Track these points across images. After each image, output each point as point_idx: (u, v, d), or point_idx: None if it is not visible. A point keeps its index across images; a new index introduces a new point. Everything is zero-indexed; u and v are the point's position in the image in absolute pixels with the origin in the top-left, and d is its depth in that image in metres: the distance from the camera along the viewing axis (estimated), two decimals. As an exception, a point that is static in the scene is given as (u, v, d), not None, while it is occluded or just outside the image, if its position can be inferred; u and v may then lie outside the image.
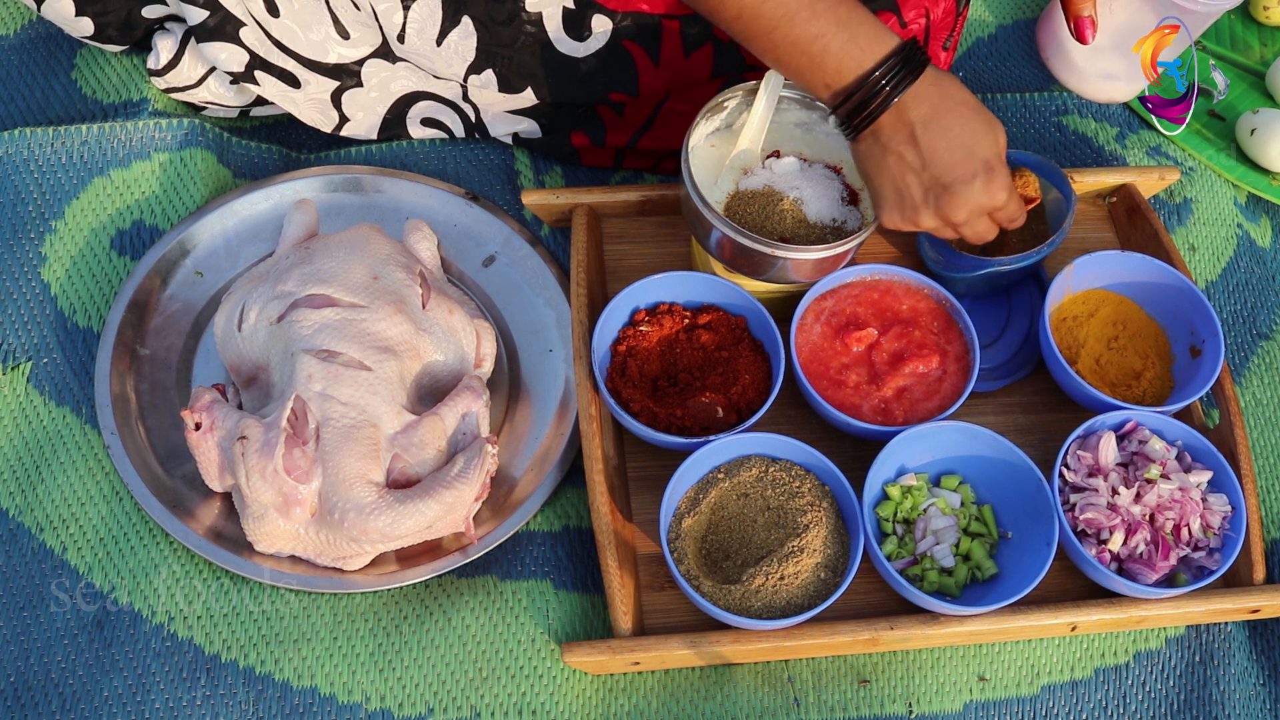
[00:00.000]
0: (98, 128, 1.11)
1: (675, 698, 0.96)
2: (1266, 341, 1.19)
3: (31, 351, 1.03)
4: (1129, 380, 1.07)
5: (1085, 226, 1.20)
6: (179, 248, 1.08)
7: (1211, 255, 1.23)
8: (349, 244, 1.03)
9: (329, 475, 0.93)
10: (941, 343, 1.05)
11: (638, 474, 1.03)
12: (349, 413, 0.95)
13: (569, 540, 1.01)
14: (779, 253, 0.97)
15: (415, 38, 1.06)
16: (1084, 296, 1.10)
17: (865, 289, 1.06)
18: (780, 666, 0.98)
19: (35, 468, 0.99)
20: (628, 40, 1.07)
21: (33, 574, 0.95)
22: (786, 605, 0.92)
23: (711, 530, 0.97)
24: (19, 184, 1.09)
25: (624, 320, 1.04)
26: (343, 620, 0.95)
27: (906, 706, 0.98)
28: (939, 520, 0.98)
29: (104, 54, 1.19)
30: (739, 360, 1.02)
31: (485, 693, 0.94)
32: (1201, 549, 1.00)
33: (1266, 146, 1.28)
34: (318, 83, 1.11)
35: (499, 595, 0.98)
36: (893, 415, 1.02)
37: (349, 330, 0.97)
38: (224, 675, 0.93)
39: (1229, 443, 1.05)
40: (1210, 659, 1.03)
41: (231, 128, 1.19)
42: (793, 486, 0.97)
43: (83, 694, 0.91)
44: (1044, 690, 1.00)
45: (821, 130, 1.07)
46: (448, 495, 0.94)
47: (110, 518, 0.97)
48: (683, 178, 0.99)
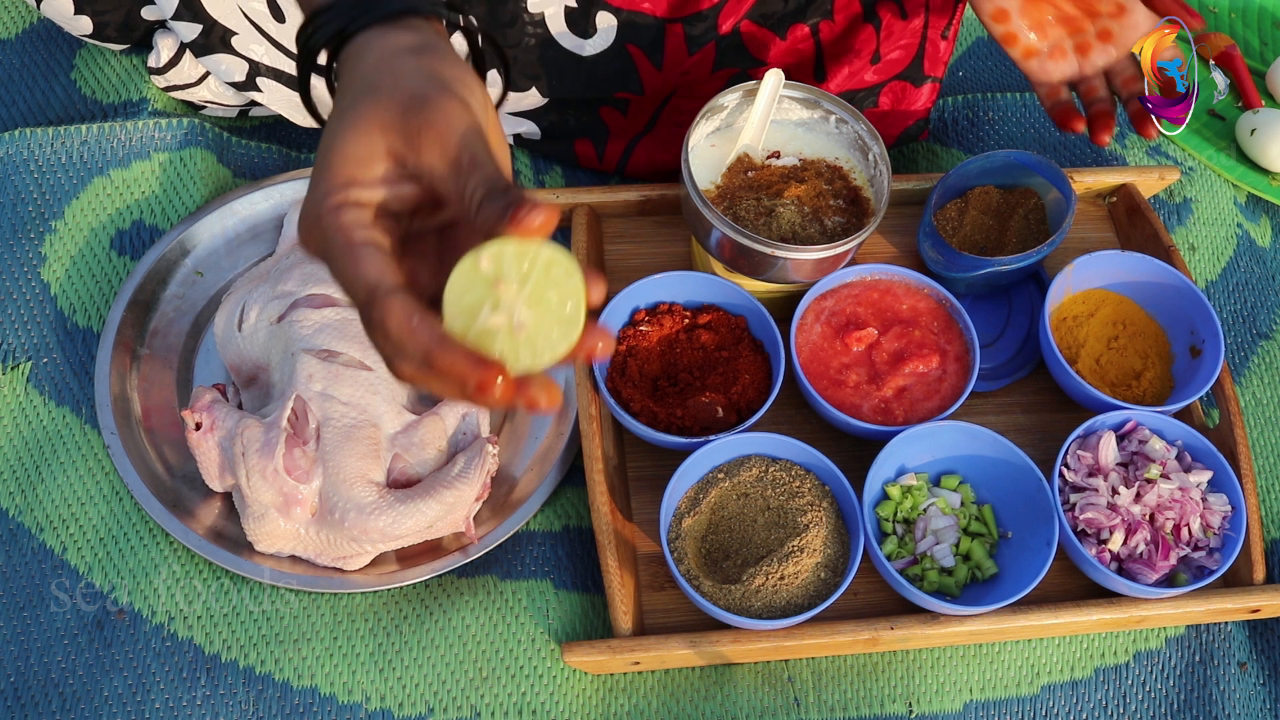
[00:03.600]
0: (97, 128, 1.11)
1: (675, 698, 0.96)
2: (1266, 341, 1.19)
3: (31, 351, 1.03)
4: (1129, 380, 1.07)
5: (1085, 226, 1.20)
6: (179, 248, 1.08)
7: (1211, 255, 1.23)
8: (349, 244, 1.03)
9: (329, 475, 0.93)
10: (941, 343, 1.05)
11: (638, 474, 1.03)
12: (349, 412, 0.95)
13: (569, 540, 1.01)
14: (779, 253, 0.97)
15: None
16: (1084, 296, 1.10)
17: (865, 289, 1.06)
18: (780, 666, 0.98)
19: (35, 468, 0.99)
20: (630, 44, 1.08)
21: (33, 574, 0.95)
22: (786, 605, 0.92)
23: (711, 530, 0.97)
24: (19, 184, 1.09)
25: (624, 320, 1.04)
26: (343, 620, 0.95)
27: (906, 706, 0.98)
28: (939, 520, 0.98)
29: (104, 54, 1.19)
30: (739, 360, 1.02)
31: (485, 693, 0.94)
32: (1201, 549, 1.00)
33: (1266, 146, 1.28)
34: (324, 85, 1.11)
35: (499, 595, 0.98)
36: (893, 415, 1.02)
37: (349, 330, 0.97)
38: (224, 675, 0.93)
39: (1229, 443, 1.05)
40: (1210, 659, 1.03)
41: (231, 127, 1.19)
42: (793, 486, 0.97)
43: (83, 694, 0.91)
44: (1044, 690, 1.00)
45: (822, 130, 1.07)
46: (448, 495, 0.94)
47: (110, 518, 0.97)
48: (683, 178, 0.99)
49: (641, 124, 1.15)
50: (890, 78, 1.16)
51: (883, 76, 1.16)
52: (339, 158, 0.61)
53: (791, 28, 1.11)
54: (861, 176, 1.06)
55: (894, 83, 1.16)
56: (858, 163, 1.06)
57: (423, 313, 0.57)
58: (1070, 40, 1.00)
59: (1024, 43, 0.99)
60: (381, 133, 0.60)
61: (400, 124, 0.60)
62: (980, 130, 1.28)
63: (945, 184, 1.11)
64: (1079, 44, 1.00)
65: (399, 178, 0.61)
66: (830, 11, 1.12)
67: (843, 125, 1.06)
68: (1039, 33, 0.99)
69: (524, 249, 0.55)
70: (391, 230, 0.62)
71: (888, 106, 1.18)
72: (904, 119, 1.19)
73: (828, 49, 1.14)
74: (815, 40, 1.13)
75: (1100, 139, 0.98)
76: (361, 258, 0.59)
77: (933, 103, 1.19)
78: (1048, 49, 0.99)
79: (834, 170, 1.06)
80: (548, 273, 0.55)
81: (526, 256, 0.55)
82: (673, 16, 1.08)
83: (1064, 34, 1.00)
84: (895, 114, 1.19)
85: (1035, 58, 1.00)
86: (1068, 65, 1.00)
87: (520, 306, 0.55)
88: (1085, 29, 1.00)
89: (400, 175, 0.61)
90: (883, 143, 1.03)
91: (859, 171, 1.06)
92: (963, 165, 1.10)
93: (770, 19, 1.11)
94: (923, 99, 1.18)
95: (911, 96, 1.18)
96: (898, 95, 1.17)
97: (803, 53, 1.13)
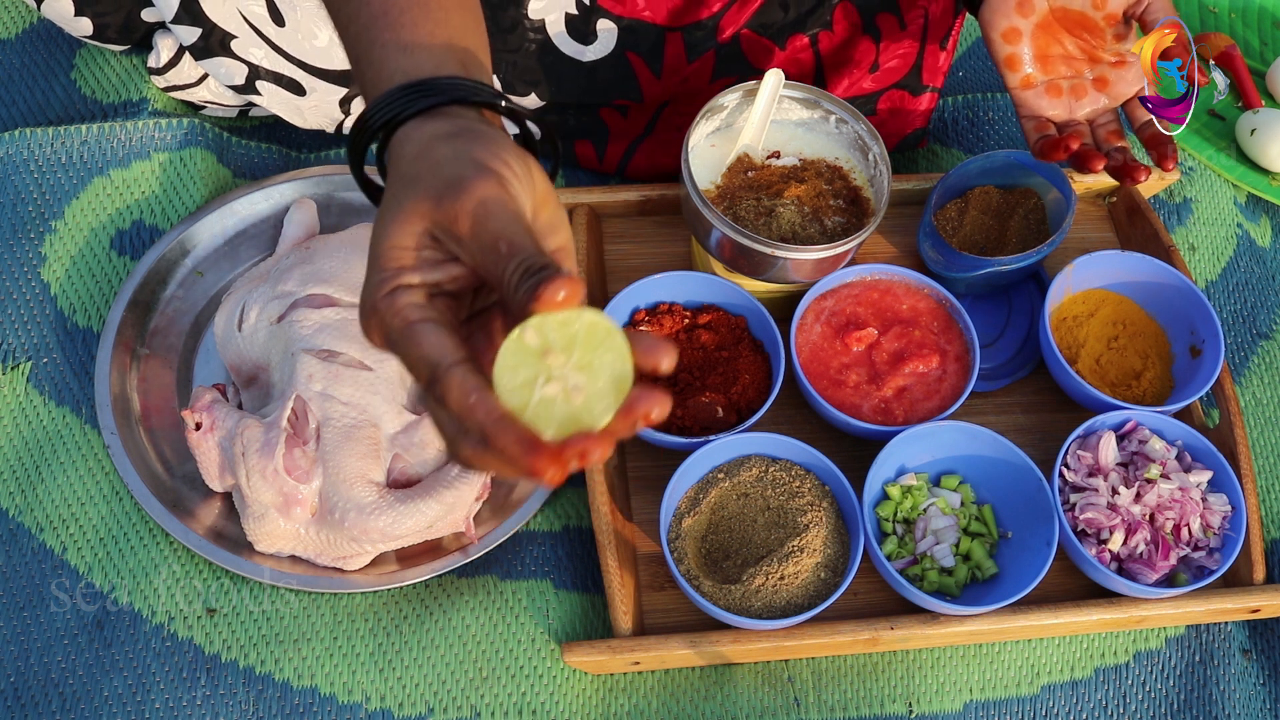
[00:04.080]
0: (97, 128, 1.11)
1: (675, 698, 0.96)
2: (1266, 341, 1.19)
3: (31, 351, 1.03)
4: (1129, 380, 1.07)
5: (1085, 226, 1.20)
6: (179, 248, 1.08)
7: (1211, 255, 1.23)
8: (349, 244, 1.03)
9: (329, 475, 0.93)
10: (941, 343, 1.05)
11: (638, 474, 1.03)
12: (349, 412, 0.95)
13: (569, 540, 1.01)
14: (779, 253, 0.97)
15: None
16: (1084, 296, 1.10)
17: (865, 289, 1.06)
18: (780, 666, 0.98)
19: (35, 468, 0.99)
20: (630, 51, 1.08)
21: (33, 574, 0.95)
22: (786, 605, 0.92)
23: (711, 530, 0.97)
24: (19, 184, 1.09)
25: (624, 320, 1.04)
26: (343, 620, 0.95)
27: (906, 706, 0.98)
28: (939, 520, 0.98)
29: (104, 54, 1.19)
30: (739, 360, 1.02)
31: (485, 693, 0.94)
32: (1201, 549, 1.00)
33: (1266, 146, 1.28)
34: (324, 89, 1.11)
35: (499, 595, 0.98)
36: (893, 415, 1.02)
37: (349, 330, 0.97)
38: (224, 675, 0.93)
39: (1229, 443, 1.05)
40: (1210, 659, 1.03)
41: (231, 127, 1.19)
42: (793, 486, 0.97)
43: (83, 694, 0.91)
44: (1044, 690, 1.00)
45: (822, 130, 1.07)
46: (448, 495, 0.94)
47: (110, 518, 0.97)
48: (683, 178, 0.99)
49: (641, 125, 1.15)
50: (888, 86, 1.16)
51: (881, 85, 1.16)
52: (385, 247, 0.62)
53: (791, 38, 1.11)
54: (861, 176, 1.06)
55: (892, 91, 1.16)
56: (858, 163, 1.06)
57: (482, 390, 0.57)
58: (1067, 81, 1.00)
59: (1025, 71, 1.00)
60: (420, 220, 0.61)
61: (435, 212, 0.60)
62: (980, 130, 1.28)
63: (945, 184, 1.11)
64: (1074, 86, 1.00)
65: (446, 260, 0.62)
66: (829, 22, 1.12)
67: (843, 125, 1.06)
68: (1041, 65, 1.00)
69: (565, 318, 0.56)
70: (452, 309, 0.62)
71: (885, 115, 1.18)
72: (902, 128, 1.19)
73: (827, 59, 1.14)
74: (814, 51, 1.13)
75: (1094, 168, 0.98)
76: (419, 336, 0.59)
77: (931, 112, 1.20)
78: (1045, 84, 1.00)
79: (834, 170, 1.06)
80: (591, 336, 0.56)
81: (569, 324, 0.56)
82: (672, 24, 1.08)
83: (1064, 73, 1.00)
84: (893, 123, 1.19)
85: (1032, 89, 1.00)
86: (1061, 105, 1.00)
87: (571, 372, 0.56)
88: (1083, 73, 1.00)
89: (446, 258, 0.62)
90: (883, 143, 1.03)
91: (859, 171, 1.06)
92: (963, 165, 1.10)
93: (770, 29, 1.11)
94: (921, 108, 1.18)
95: (910, 105, 1.18)
96: (896, 104, 1.17)
97: (802, 63, 1.13)
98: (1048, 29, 0.99)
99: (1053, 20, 0.99)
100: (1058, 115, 1.01)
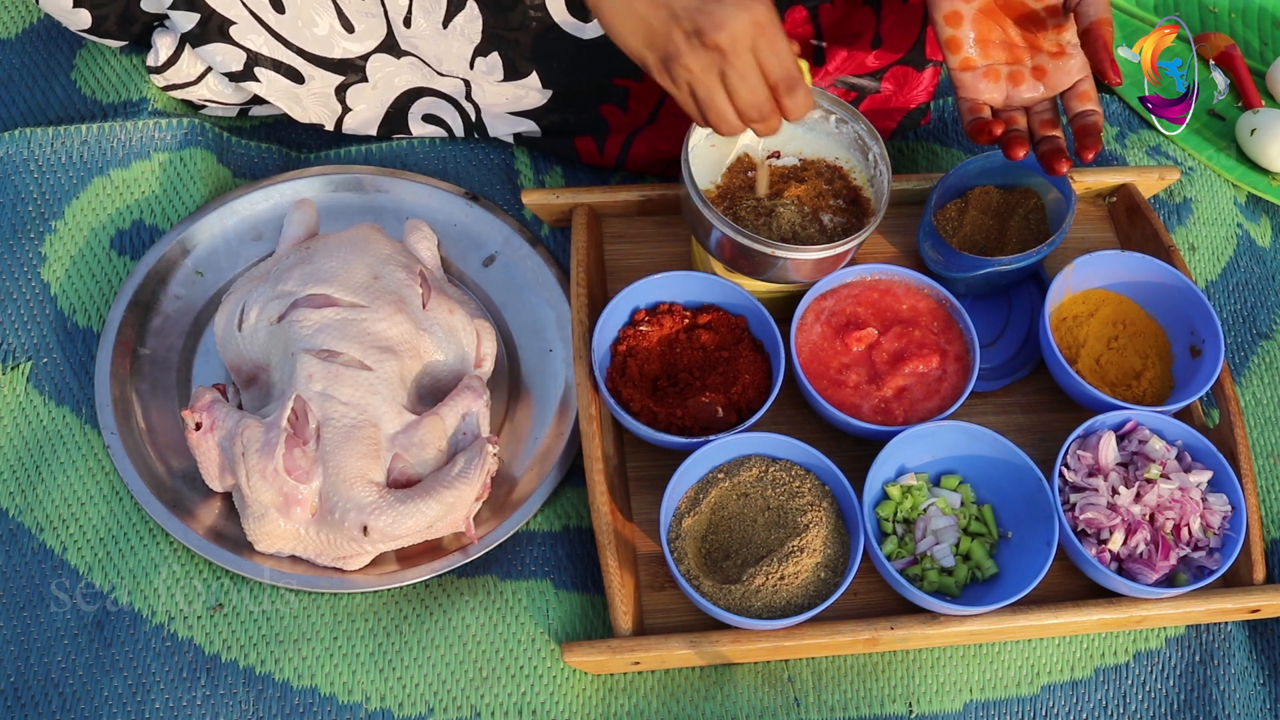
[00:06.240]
0: (98, 127, 1.11)
1: (675, 698, 0.96)
2: (1266, 341, 1.19)
3: (31, 351, 1.03)
4: (1129, 380, 1.07)
5: (1085, 226, 1.20)
6: (179, 248, 1.08)
7: (1211, 255, 1.23)
8: (349, 244, 1.03)
9: (329, 475, 0.93)
10: (941, 343, 1.05)
11: (638, 474, 1.03)
12: (349, 412, 0.95)
13: (569, 540, 1.01)
14: (779, 253, 0.97)
15: (421, 20, 1.06)
16: (1084, 296, 1.10)
17: (865, 289, 1.06)
18: (780, 666, 0.98)
19: (35, 468, 0.99)
20: None
21: (33, 574, 0.95)
22: (786, 605, 0.93)
23: (711, 530, 0.97)
24: (19, 184, 1.09)
25: (624, 320, 1.04)
26: (343, 620, 0.95)
27: (906, 706, 0.98)
28: (939, 520, 0.98)
29: (104, 54, 1.19)
30: (739, 360, 1.02)
31: (485, 693, 0.94)
32: (1201, 549, 1.00)
33: (1266, 146, 1.28)
34: (322, 78, 1.11)
35: (499, 595, 0.98)
36: (893, 415, 1.02)
37: (349, 330, 0.97)
38: (224, 675, 0.93)
39: (1229, 443, 1.05)
40: (1210, 659, 1.03)
41: (231, 127, 1.19)
42: (793, 486, 0.97)
43: (83, 694, 0.91)
44: (1044, 690, 1.00)
45: (822, 130, 1.07)
46: (448, 495, 0.94)
47: (110, 518, 0.97)
48: (683, 178, 0.99)
49: (642, 117, 1.15)
50: (891, 63, 1.16)
51: (884, 61, 1.16)
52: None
53: (790, 10, 1.11)
54: (861, 176, 1.06)
55: (896, 68, 1.16)
56: (858, 163, 1.06)
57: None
58: (1006, 67, 1.01)
59: (965, 53, 1.01)
60: None
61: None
62: (980, 130, 1.28)
63: (945, 184, 1.11)
64: (1012, 73, 1.01)
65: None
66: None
67: (843, 125, 1.06)
68: (981, 49, 1.01)
69: None
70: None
71: (890, 92, 1.18)
72: (906, 104, 1.19)
73: (827, 31, 1.14)
74: (815, 24, 1.13)
75: (1016, 155, 0.99)
76: None
77: (935, 87, 1.19)
78: (984, 68, 1.01)
79: (834, 170, 1.06)
80: None
81: None
82: None
83: (1004, 59, 1.01)
84: (897, 99, 1.19)
85: (970, 72, 1.01)
86: (998, 90, 1.01)
87: None
88: (1023, 60, 1.02)
89: None
90: (883, 142, 1.03)
91: (859, 171, 1.06)
92: (963, 165, 1.10)
93: None
94: (924, 84, 1.19)
95: (913, 81, 1.18)
96: (900, 80, 1.17)
97: (802, 36, 1.13)
98: (990, 14, 1.01)
99: (995, 7, 1.00)
100: (994, 99, 1.02)
